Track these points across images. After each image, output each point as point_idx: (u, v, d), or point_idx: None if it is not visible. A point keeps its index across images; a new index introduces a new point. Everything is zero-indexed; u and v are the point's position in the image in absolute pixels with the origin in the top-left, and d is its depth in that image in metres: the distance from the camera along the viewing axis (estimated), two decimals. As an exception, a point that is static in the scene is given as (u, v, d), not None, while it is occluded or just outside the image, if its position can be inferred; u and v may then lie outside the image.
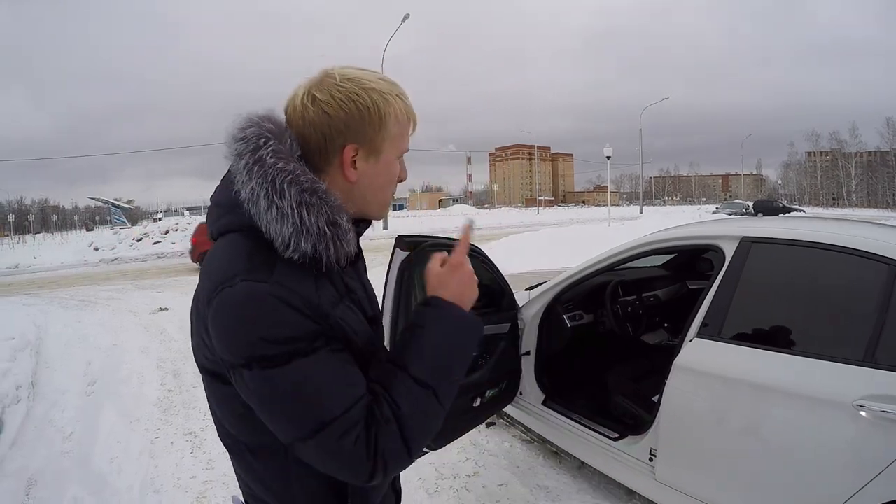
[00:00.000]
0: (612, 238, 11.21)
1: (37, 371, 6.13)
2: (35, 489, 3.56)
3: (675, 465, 2.55)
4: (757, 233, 2.56)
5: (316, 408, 0.87)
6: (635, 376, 3.51)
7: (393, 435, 0.89)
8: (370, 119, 0.99)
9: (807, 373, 2.10)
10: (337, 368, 0.90)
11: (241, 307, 0.87)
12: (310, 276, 0.93)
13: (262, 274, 0.89)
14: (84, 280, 17.75)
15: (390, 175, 1.08)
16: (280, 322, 0.87)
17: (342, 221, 0.96)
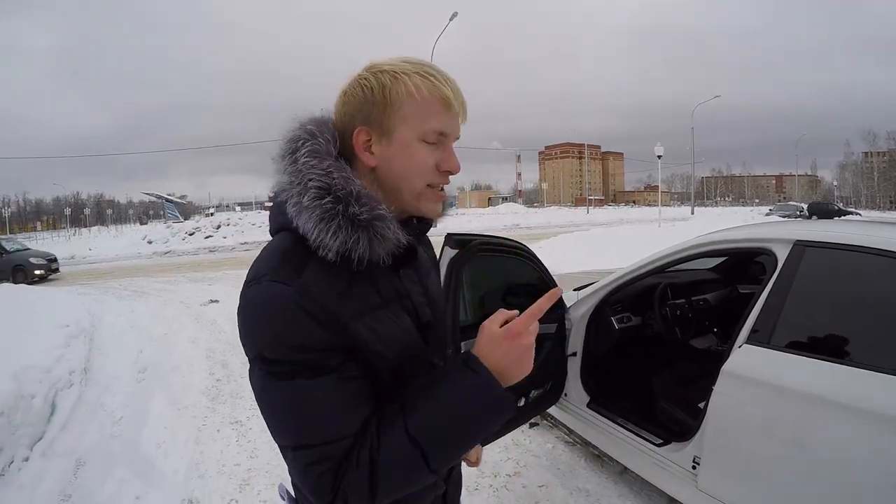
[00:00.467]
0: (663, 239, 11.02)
1: (90, 357, 6.33)
2: (83, 469, 3.69)
3: (719, 474, 2.47)
4: (811, 236, 2.46)
5: (300, 429, 0.88)
6: (682, 381, 3.43)
7: (361, 479, 0.87)
8: (374, 99, 0.96)
9: (860, 385, 2.00)
10: (335, 402, 0.88)
11: (262, 306, 0.89)
12: (343, 279, 0.92)
13: (288, 275, 0.89)
14: (137, 271, 18.34)
15: (411, 158, 0.97)
16: (294, 328, 0.87)
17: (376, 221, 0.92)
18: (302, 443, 0.88)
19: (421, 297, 1.06)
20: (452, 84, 0.97)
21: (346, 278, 0.93)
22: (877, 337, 2.17)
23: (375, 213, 0.92)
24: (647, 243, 9.00)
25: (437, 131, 0.96)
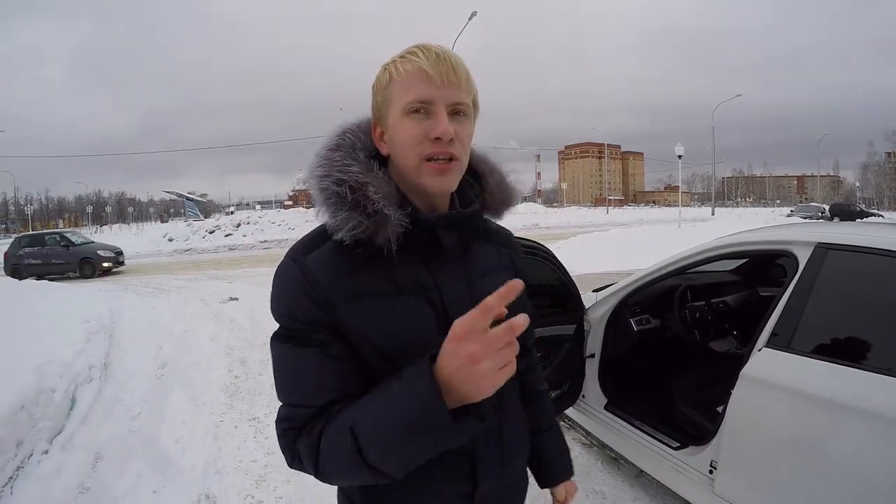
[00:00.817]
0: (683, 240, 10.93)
1: (109, 353, 6.42)
2: (101, 463, 3.74)
3: (736, 479, 2.44)
4: (833, 239, 2.42)
5: (283, 387, 0.99)
6: (700, 384, 3.40)
7: (309, 448, 0.93)
8: (374, 93, 1.04)
9: (883, 391, 1.96)
10: (312, 373, 0.96)
11: (275, 277, 1.01)
12: (350, 263, 0.98)
13: (301, 254, 1.00)
14: (157, 269, 18.54)
15: (400, 133, 0.99)
16: (289, 299, 0.98)
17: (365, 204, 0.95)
18: (282, 399, 0.99)
19: (458, 294, 1.03)
20: (434, 55, 0.98)
21: (353, 263, 0.98)
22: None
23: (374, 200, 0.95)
24: (666, 244, 8.93)
25: (416, 100, 0.96)
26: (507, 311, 0.82)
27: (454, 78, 0.98)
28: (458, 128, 0.98)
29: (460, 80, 0.99)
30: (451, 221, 1.03)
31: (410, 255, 1.00)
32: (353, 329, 0.96)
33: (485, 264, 1.12)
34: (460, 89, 0.99)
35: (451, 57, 0.99)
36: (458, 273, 1.06)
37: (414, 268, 1.01)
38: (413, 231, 0.99)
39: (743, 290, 4.27)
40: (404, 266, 1.00)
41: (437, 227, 1.01)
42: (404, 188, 1.02)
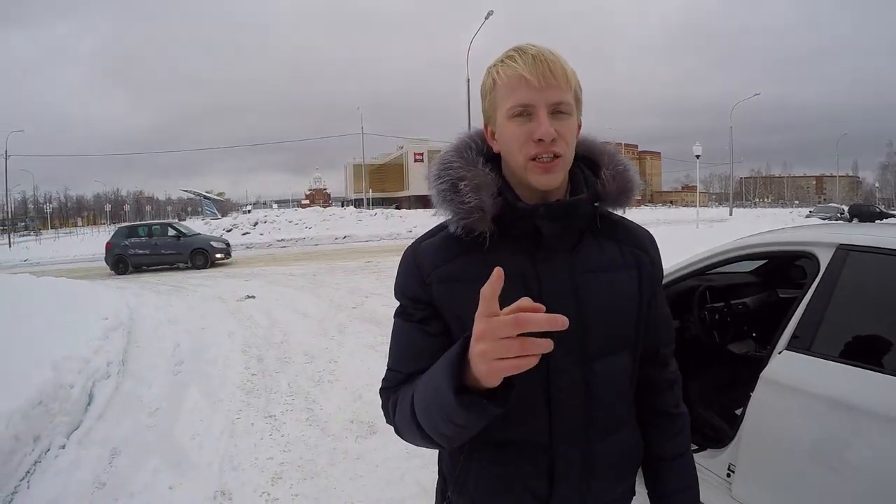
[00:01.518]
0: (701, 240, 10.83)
1: (127, 350, 6.50)
2: (118, 458, 3.78)
3: (754, 482, 2.41)
4: (855, 240, 2.39)
5: (390, 352, 1.13)
6: (719, 386, 3.36)
7: (391, 407, 1.08)
8: (482, 96, 1.11)
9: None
10: (407, 344, 1.10)
11: (401, 261, 1.14)
12: (454, 249, 1.08)
13: (420, 241, 1.13)
14: (174, 267, 18.62)
15: (508, 136, 1.03)
16: (403, 277, 1.12)
17: (461, 186, 1.03)
18: (388, 363, 1.13)
19: (559, 286, 1.05)
20: (530, 58, 1.01)
21: (456, 250, 1.07)
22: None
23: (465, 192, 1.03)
24: (684, 245, 8.86)
25: (517, 105, 1.01)
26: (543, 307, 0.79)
27: (552, 79, 1.00)
28: (559, 126, 1.00)
29: (558, 80, 1.01)
30: (551, 210, 1.04)
31: (515, 245, 1.06)
32: (446, 309, 1.06)
33: (599, 260, 1.10)
34: (560, 89, 1.01)
35: (548, 57, 1.01)
36: (561, 265, 1.06)
37: (517, 256, 1.05)
38: (515, 220, 1.05)
39: (762, 291, 4.22)
40: (507, 254, 1.04)
41: (536, 215, 1.03)
42: (515, 182, 1.08)
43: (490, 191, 1.03)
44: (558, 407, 1.04)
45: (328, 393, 4.96)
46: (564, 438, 1.05)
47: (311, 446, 3.87)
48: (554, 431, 1.05)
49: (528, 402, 1.02)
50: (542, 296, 1.01)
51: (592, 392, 1.06)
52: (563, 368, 1.03)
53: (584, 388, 1.05)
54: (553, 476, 1.05)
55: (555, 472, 1.05)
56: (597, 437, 1.08)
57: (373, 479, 3.40)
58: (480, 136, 1.14)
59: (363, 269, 15.20)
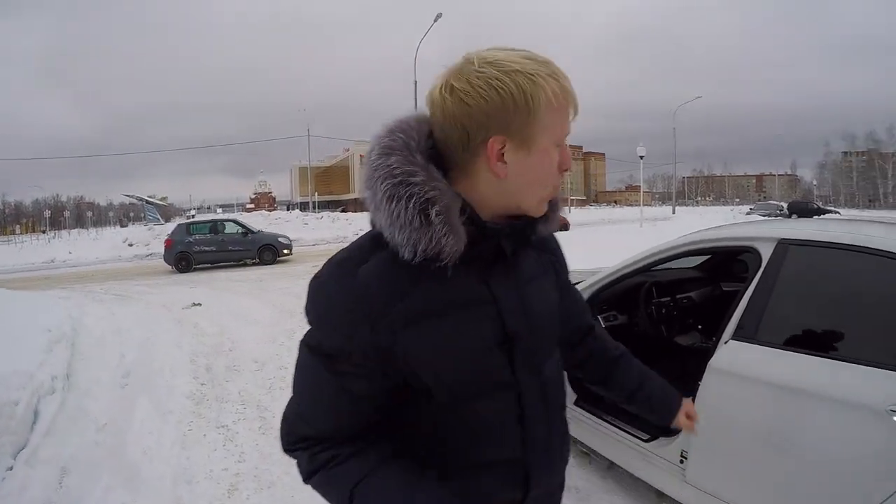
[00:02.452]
0: (645, 239, 11.09)
1: (72, 362, 6.25)
2: (68, 477, 3.64)
3: (706, 467, 2.52)
4: (794, 235, 2.52)
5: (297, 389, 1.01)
6: (668, 378, 3.45)
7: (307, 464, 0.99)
8: (515, 106, 0.89)
9: (841, 377, 2.06)
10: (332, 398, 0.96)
11: (320, 289, 0.95)
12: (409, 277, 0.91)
13: (350, 267, 0.93)
14: (118, 275, 18.17)
15: (547, 167, 0.95)
16: (336, 318, 0.92)
17: (432, 214, 0.87)
18: (296, 402, 1.01)
19: (512, 303, 1.00)
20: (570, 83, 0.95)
21: (411, 277, 0.92)
22: (860, 331, 2.23)
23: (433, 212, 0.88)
24: (629, 243, 9.06)
25: (566, 134, 0.96)
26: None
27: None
28: None
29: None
30: (515, 230, 1.00)
31: (466, 266, 0.94)
32: (412, 358, 0.92)
33: (529, 270, 1.08)
34: None
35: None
36: (509, 282, 1.01)
37: (471, 279, 0.96)
38: (475, 241, 0.94)
39: (706, 286, 4.36)
40: (461, 278, 0.94)
41: (502, 237, 0.98)
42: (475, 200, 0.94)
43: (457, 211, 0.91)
44: (530, 421, 1.03)
45: (280, 400, 4.83)
46: (535, 448, 1.05)
47: (266, 455, 3.81)
48: (527, 445, 1.04)
49: (503, 425, 1.01)
50: (501, 316, 0.98)
51: (547, 396, 1.07)
52: (529, 384, 1.03)
53: (542, 396, 1.06)
54: (528, 484, 1.06)
55: (530, 481, 1.05)
56: (555, 437, 1.11)
57: (331, 485, 3.37)
58: (418, 132, 0.95)
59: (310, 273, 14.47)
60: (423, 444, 0.99)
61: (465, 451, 0.98)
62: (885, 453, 1.92)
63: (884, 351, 2.04)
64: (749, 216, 35.86)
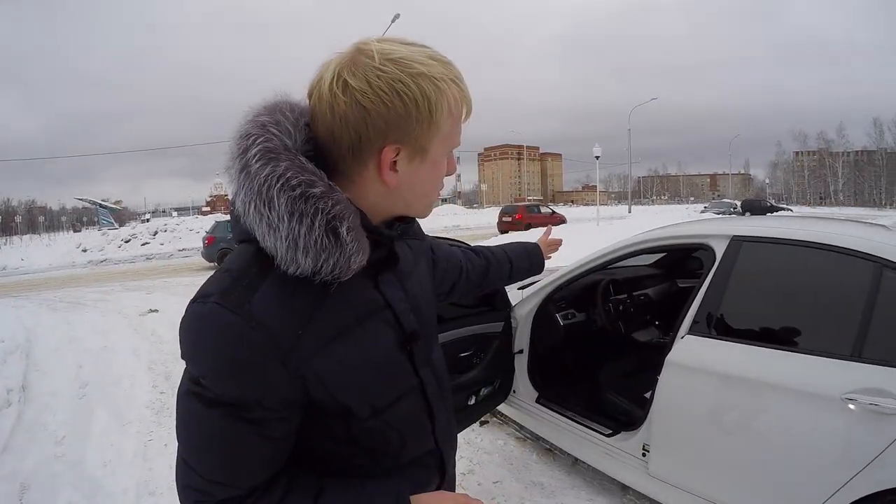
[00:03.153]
0: (602, 237, 11.24)
1: (27, 374, 6.08)
2: (28, 493, 3.54)
3: (668, 459, 2.58)
4: (747, 232, 2.60)
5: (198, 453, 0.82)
6: (627, 373, 3.54)
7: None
8: (418, 115, 0.80)
9: (796, 368, 2.15)
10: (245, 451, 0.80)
11: (202, 330, 0.78)
12: (307, 297, 0.81)
13: (239, 298, 0.77)
14: (72, 282, 17.70)
15: (438, 176, 0.90)
16: (238, 365, 0.76)
17: (342, 231, 0.78)
18: (198, 471, 0.81)
19: (403, 303, 0.94)
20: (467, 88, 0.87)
21: (310, 294, 0.81)
22: (809, 323, 2.33)
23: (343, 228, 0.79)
24: (586, 242, 9.17)
25: (459, 144, 0.91)
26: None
27: None
28: None
29: None
30: (403, 231, 0.97)
31: (360, 275, 0.85)
32: (329, 386, 0.82)
33: (407, 265, 1.01)
34: None
35: None
36: (394, 282, 0.95)
37: (362, 287, 0.88)
38: (376, 249, 0.88)
39: (663, 282, 4.46)
40: (354, 288, 0.86)
41: (395, 241, 0.94)
42: (365, 207, 0.86)
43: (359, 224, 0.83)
44: (436, 412, 1.02)
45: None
46: (443, 435, 1.06)
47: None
48: (438, 435, 1.04)
49: (418, 423, 1.00)
50: (397, 319, 0.92)
51: (442, 385, 1.06)
52: (428, 378, 1.00)
53: (439, 386, 1.04)
54: (444, 469, 1.08)
55: (445, 465, 1.08)
56: (451, 420, 1.11)
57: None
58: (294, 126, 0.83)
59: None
60: (347, 460, 0.91)
61: (393, 455, 0.95)
62: (841, 440, 2.00)
63: (836, 342, 2.13)
64: (704, 214, 36.58)
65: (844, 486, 1.95)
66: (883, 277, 2.09)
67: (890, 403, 1.87)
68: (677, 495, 2.52)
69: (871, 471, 1.89)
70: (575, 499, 3.11)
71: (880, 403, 1.89)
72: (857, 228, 2.46)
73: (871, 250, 2.17)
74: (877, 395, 1.91)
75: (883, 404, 1.88)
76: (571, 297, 3.80)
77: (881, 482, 1.88)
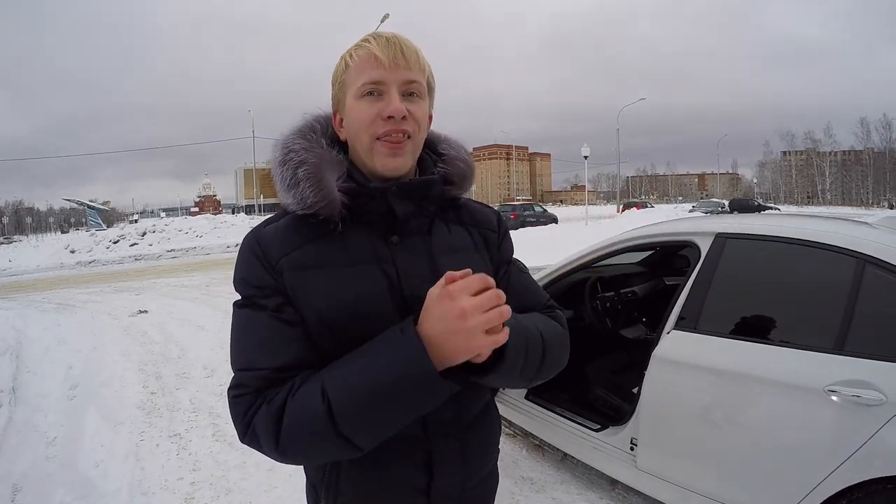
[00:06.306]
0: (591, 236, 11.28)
1: (17, 376, 6.06)
2: (20, 495, 3.54)
3: (656, 453, 2.62)
4: (731, 229, 2.64)
5: (236, 352, 0.99)
6: (615, 369, 3.58)
7: (269, 419, 0.89)
8: (333, 82, 1.08)
9: (780, 361, 2.20)
10: (264, 336, 0.96)
11: (240, 247, 1.03)
12: (302, 234, 1.01)
13: (262, 225, 1.04)
14: (61, 283, 17.54)
15: (357, 115, 1.02)
16: (243, 265, 1.01)
17: (300, 173, 1.00)
18: (235, 366, 0.98)
19: (417, 269, 1.02)
20: (384, 40, 1.01)
21: (306, 234, 1.01)
22: (792, 317, 2.37)
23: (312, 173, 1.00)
24: (575, 241, 9.20)
25: (367, 83, 1.00)
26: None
27: (402, 60, 1.00)
28: (411, 107, 1.01)
29: (409, 61, 1.01)
30: (404, 189, 1.03)
31: (369, 229, 1.03)
32: (301, 299, 0.97)
33: (453, 242, 1.11)
34: (410, 69, 1.01)
35: (401, 40, 1.02)
36: (419, 248, 1.05)
37: (371, 240, 1.02)
38: (367, 202, 1.02)
39: (650, 280, 4.50)
40: (361, 238, 1.02)
41: (389, 195, 1.01)
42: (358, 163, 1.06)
43: (336, 173, 1.02)
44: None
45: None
46: (438, 431, 1.05)
47: (221, 462, 3.77)
48: (428, 425, 1.03)
49: None
50: (399, 279, 1.00)
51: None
52: None
53: None
54: (431, 467, 1.05)
55: (432, 463, 1.05)
56: (467, 424, 1.09)
57: (288, 489, 3.36)
58: (326, 119, 1.11)
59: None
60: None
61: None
62: (824, 431, 2.05)
63: (819, 336, 2.18)
64: (692, 213, 36.78)
65: (828, 476, 1.99)
66: (865, 272, 2.14)
67: (872, 395, 1.92)
68: (665, 488, 2.56)
69: (854, 461, 1.94)
70: (565, 493, 3.15)
71: (862, 395, 1.94)
72: (840, 225, 2.50)
73: (853, 246, 2.22)
74: (859, 387, 1.96)
75: (865, 396, 1.93)
76: (559, 295, 3.82)
77: (864, 472, 1.93)
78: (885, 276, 2.11)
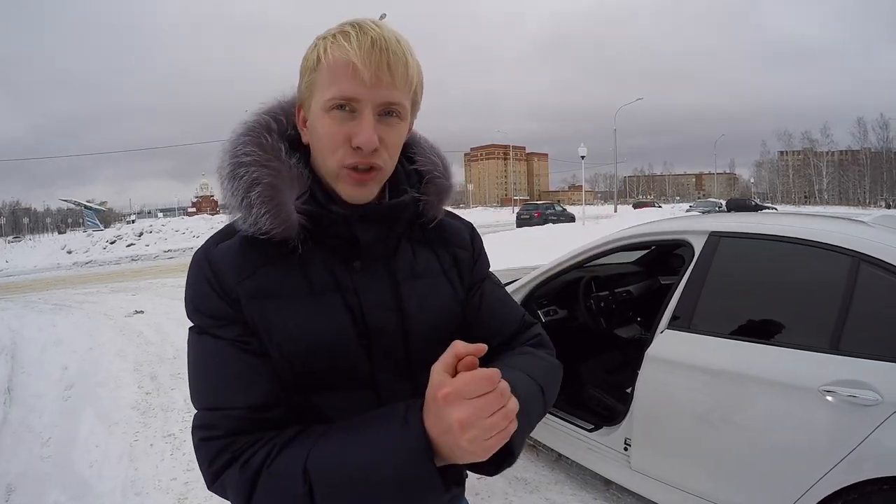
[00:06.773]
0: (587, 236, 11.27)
1: (12, 376, 6.05)
2: (15, 495, 3.54)
3: (650, 453, 2.62)
4: (725, 227, 2.63)
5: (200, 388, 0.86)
6: (609, 369, 3.58)
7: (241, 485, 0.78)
8: (301, 71, 0.89)
9: (775, 361, 2.18)
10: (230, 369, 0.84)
11: (189, 270, 0.89)
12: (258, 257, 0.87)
13: (212, 243, 0.90)
14: (57, 283, 17.54)
15: (324, 133, 0.86)
16: (195, 293, 0.88)
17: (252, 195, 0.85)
18: (198, 403, 0.86)
19: (379, 297, 0.92)
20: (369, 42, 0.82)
21: (262, 257, 0.87)
22: (787, 317, 2.36)
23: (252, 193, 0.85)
24: (571, 240, 9.21)
25: (340, 98, 0.83)
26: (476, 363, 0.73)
27: (386, 76, 0.83)
28: (386, 132, 0.85)
29: (394, 78, 0.84)
30: (371, 214, 0.90)
31: (330, 253, 0.90)
32: (262, 331, 0.85)
33: (418, 266, 0.98)
34: (394, 88, 0.84)
35: (390, 46, 0.83)
36: (380, 274, 0.93)
37: (332, 266, 0.90)
38: (329, 227, 0.89)
39: (645, 279, 4.49)
40: (321, 264, 0.89)
41: (352, 220, 0.89)
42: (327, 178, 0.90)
43: (297, 191, 0.88)
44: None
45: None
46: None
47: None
48: None
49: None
50: (362, 309, 0.89)
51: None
52: (394, 388, 0.92)
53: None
54: None
55: None
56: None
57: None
58: (287, 113, 0.94)
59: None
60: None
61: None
62: (819, 432, 2.04)
63: (814, 335, 2.17)
64: (689, 213, 36.88)
65: (823, 477, 1.98)
66: (860, 271, 2.13)
67: (868, 395, 1.91)
68: (659, 489, 2.55)
69: (850, 462, 1.93)
70: (558, 493, 3.15)
71: (858, 395, 1.93)
72: (835, 223, 2.49)
73: (848, 244, 2.21)
74: (854, 387, 1.95)
75: (861, 396, 1.92)
76: (553, 294, 3.83)
77: (859, 473, 1.92)
78: (881, 275, 2.09)
